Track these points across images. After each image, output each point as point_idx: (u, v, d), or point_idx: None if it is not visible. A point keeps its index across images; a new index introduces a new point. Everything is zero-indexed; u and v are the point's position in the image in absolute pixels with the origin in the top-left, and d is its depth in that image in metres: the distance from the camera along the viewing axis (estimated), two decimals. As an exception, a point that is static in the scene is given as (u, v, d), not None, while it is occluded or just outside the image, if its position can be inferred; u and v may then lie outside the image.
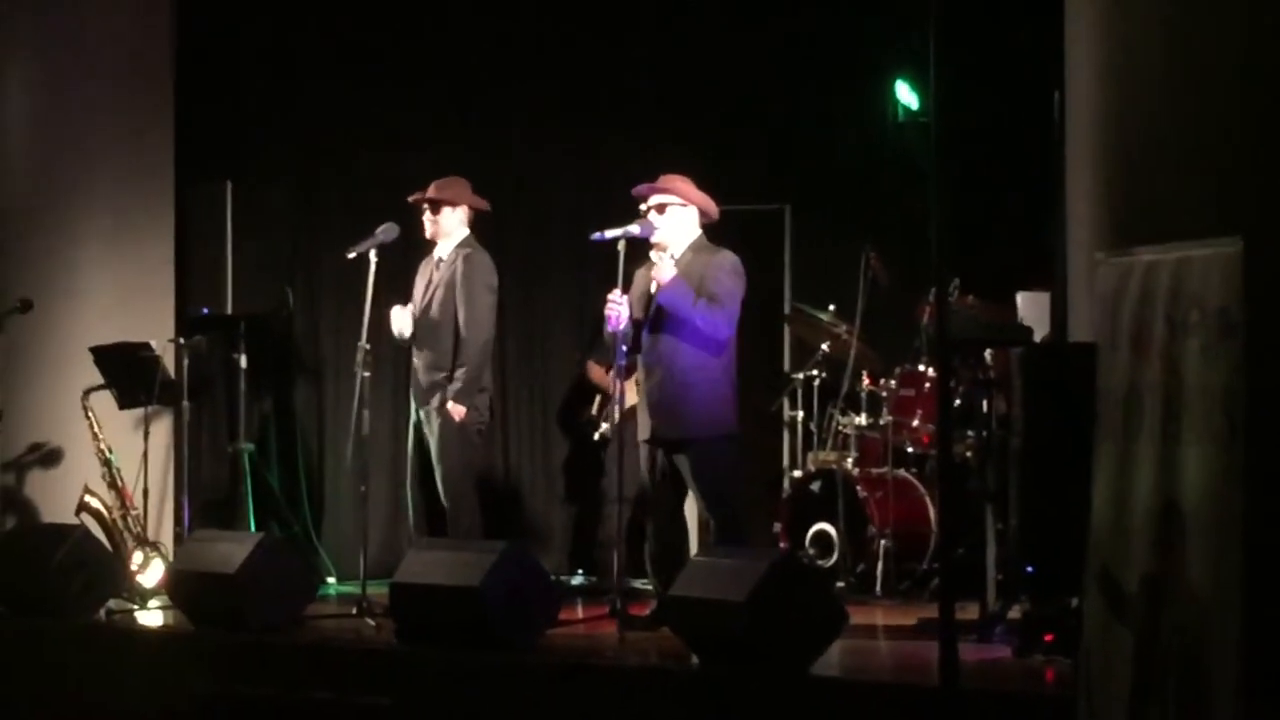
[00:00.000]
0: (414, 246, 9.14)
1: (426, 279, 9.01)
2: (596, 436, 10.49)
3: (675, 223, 8.16)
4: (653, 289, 8.04)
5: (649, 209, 8.19)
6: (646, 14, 10.96)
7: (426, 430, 8.86)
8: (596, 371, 10.57)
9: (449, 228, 8.97)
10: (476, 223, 9.16)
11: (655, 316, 8.09)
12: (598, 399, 10.59)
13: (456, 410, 8.74)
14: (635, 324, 8.14)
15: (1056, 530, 6.34)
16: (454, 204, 8.96)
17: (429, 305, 8.93)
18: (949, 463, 6.64)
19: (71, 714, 8.03)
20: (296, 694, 7.44)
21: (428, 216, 8.95)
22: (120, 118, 10.26)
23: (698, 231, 8.22)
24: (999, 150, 9.92)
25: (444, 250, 8.99)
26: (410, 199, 9.01)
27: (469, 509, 8.81)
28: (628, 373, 8.37)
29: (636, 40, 10.97)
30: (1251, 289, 4.66)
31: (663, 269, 7.99)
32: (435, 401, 8.81)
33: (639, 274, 8.25)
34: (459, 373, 8.80)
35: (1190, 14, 5.93)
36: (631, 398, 10.12)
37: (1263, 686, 4.59)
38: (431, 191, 8.96)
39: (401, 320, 8.94)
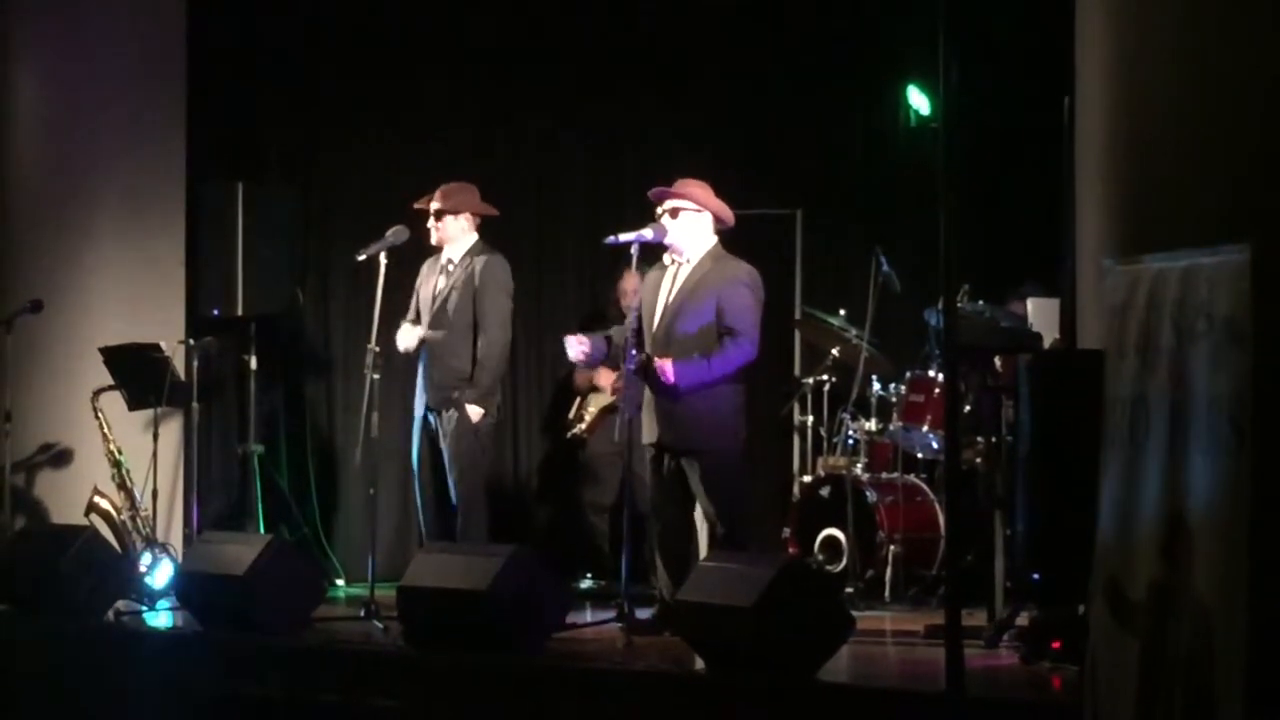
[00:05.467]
0: (424, 250, 9.12)
1: (434, 283, 9.01)
2: (569, 435, 10.52)
3: (688, 228, 8.09)
4: (658, 306, 7.97)
5: (663, 213, 8.16)
6: (660, 18, 10.96)
7: (440, 431, 8.87)
8: (580, 376, 10.58)
9: (453, 234, 8.98)
10: (490, 225, 9.15)
11: (668, 324, 8.03)
12: (577, 401, 10.60)
13: (474, 412, 8.77)
14: (638, 331, 8.04)
15: (1064, 538, 6.32)
16: (455, 212, 8.96)
17: (443, 308, 8.92)
18: (957, 469, 6.65)
19: (79, 715, 8.03)
20: (304, 696, 7.44)
21: (432, 223, 8.96)
22: (132, 118, 10.28)
23: (714, 239, 8.14)
24: (1010, 156, 9.92)
25: (454, 254, 8.99)
26: (415, 205, 9.01)
27: (479, 509, 8.84)
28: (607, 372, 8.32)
29: (649, 44, 10.98)
30: (1259, 298, 4.65)
31: (665, 370, 7.86)
32: (451, 403, 8.81)
33: (650, 275, 8.23)
34: (478, 375, 8.82)
35: (1201, 22, 5.91)
36: (603, 399, 10.20)
37: (1267, 696, 4.58)
38: (437, 199, 8.96)
39: (408, 338, 8.95)
